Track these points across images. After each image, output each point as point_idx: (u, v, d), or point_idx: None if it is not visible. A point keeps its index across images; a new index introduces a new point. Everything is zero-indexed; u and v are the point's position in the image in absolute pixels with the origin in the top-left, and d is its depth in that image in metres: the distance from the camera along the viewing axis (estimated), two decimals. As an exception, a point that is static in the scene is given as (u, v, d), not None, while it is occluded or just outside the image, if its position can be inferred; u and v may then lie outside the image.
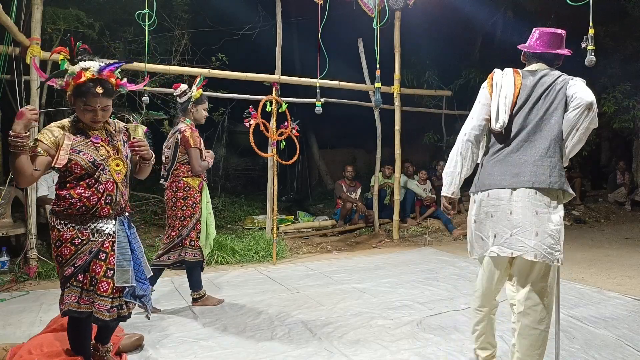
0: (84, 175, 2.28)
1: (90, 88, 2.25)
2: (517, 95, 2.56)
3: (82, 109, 2.29)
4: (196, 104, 3.76)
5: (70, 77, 2.27)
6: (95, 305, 2.28)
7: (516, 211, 2.36)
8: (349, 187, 7.47)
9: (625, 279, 4.62)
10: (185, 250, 3.65)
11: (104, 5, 6.48)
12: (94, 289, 2.28)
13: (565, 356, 2.84)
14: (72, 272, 2.27)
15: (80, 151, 2.28)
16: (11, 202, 5.12)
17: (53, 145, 2.25)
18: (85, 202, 2.28)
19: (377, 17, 6.03)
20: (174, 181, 3.65)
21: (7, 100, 5.27)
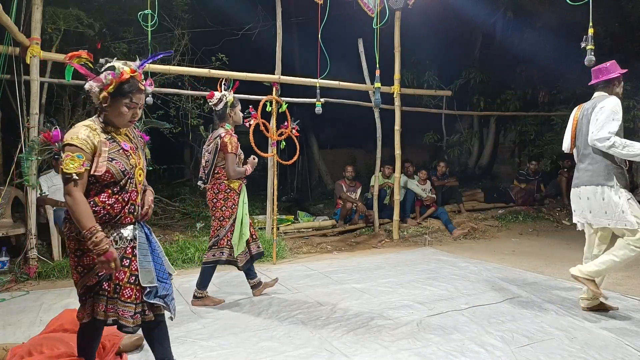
0: (110, 183, 2.19)
1: (136, 84, 2.23)
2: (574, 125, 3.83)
3: (123, 108, 2.21)
4: (232, 107, 3.92)
5: (114, 75, 2.19)
6: (120, 312, 2.22)
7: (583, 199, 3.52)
8: (349, 187, 7.47)
9: (625, 279, 4.62)
10: (222, 250, 3.80)
11: (104, 5, 6.48)
12: (118, 296, 2.23)
13: (565, 356, 2.84)
14: (96, 281, 2.20)
15: (113, 159, 2.19)
16: (11, 202, 5.12)
17: (92, 153, 2.15)
18: (109, 210, 2.20)
19: (377, 17, 6.03)
20: (215, 183, 3.82)
21: (7, 100, 5.27)
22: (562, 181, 8.91)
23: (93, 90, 2.21)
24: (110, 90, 2.19)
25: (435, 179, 8.14)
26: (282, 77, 6.02)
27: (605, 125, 3.38)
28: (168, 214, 7.37)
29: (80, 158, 2.09)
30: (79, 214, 2.07)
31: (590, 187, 3.45)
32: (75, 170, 2.07)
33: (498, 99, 10.06)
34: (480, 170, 11.20)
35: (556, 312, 3.59)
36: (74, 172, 2.07)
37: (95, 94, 2.22)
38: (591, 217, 3.48)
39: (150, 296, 2.28)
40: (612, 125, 3.37)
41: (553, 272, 4.89)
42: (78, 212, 2.07)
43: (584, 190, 3.50)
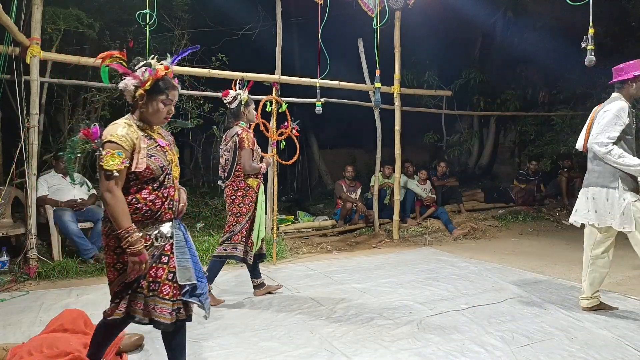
0: (149, 179, 2.20)
1: (170, 81, 2.26)
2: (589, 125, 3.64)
3: (160, 105, 2.24)
4: (246, 105, 3.98)
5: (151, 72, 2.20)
6: (157, 310, 2.21)
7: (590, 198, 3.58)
8: (349, 187, 7.47)
9: (625, 279, 4.62)
10: (236, 246, 3.85)
11: (104, 5, 6.48)
12: (155, 293, 2.22)
13: (565, 356, 2.84)
14: (134, 279, 2.20)
15: (152, 155, 2.21)
16: (11, 202, 5.12)
17: (131, 150, 2.16)
18: (151, 206, 2.21)
19: (377, 17, 6.02)
20: (235, 181, 3.88)
21: (7, 100, 5.27)
22: (562, 181, 8.91)
23: (128, 89, 2.22)
24: (147, 88, 2.20)
25: (435, 179, 8.14)
26: (282, 77, 6.02)
27: (605, 130, 3.39)
28: (168, 214, 7.35)
29: (120, 155, 2.10)
30: (117, 212, 2.09)
31: (597, 189, 3.49)
32: (116, 167, 2.08)
33: (498, 99, 10.06)
34: (480, 170, 11.20)
35: (556, 312, 3.59)
36: (114, 169, 2.07)
37: (130, 92, 2.23)
38: (595, 217, 3.49)
39: (186, 295, 2.29)
40: (612, 130, 3.37)
41: (553, 272, 4.89)
42: (116, 210, 2.09)
43: (591, 190, 3.54)
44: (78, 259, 4.98)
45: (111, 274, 2.25)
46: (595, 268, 3.58)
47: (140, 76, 2.20)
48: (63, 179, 5.37)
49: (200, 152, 9.43)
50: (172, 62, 2.31)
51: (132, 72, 2.22)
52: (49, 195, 5.14)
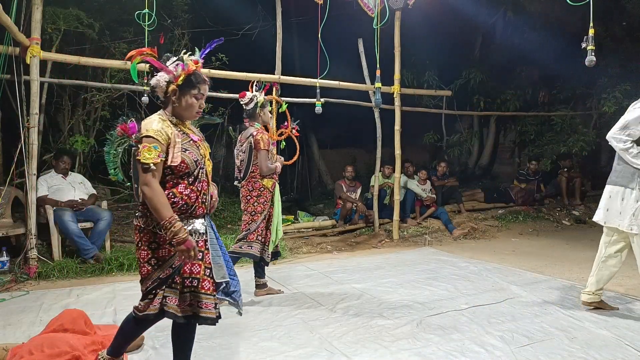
0: (184, 174, 2.22)
1: (201, 75, 2.29)
2: None
3: (192, 100, 2.26)
4: (262, 107, 4.04)
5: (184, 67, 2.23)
6: (203, 305, 2.23)
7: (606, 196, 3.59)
8: (349, 187, 7.47)
9: (625, 279, 4.62)
10: (251, 244, 3.91)
11: (104, 5, 6.48)
12: (197, 290, 2.23)
13: (565, 356, 2.84)
14: (169, 274, 2.21)
15: (186, 149, 2.23)
16: (11, 202, 5.12)
17: (166, 144, 2.17)
18: (187, 201, 2.23)
19: (377, 17, 6.03)
20: (250, 181, 3.95)
21: (7, 100, 5.27)
22: (562, 181, 8.91)
23: (160, 85, 2.24)
24: (180, 83, 2.23)
25: (435, 179, 8.14)
26: (282, 77, 6.02)
27: (627, 127, 3.33)
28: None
29: (156, 149, 2.12)
30: (158, 203, 2.10)
31: (616, 187, 3.48)
32: (153, 160, 2.10)
33: (498, 99, 10.06)
34: (480, 170, 11.20)
35: (556, 312, 3.59)
36: (151, 162, 2.09)
37: (162, 88, 2.25)
38: (603, 216, 3.51)
39: (219, 293, 2.32)
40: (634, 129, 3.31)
41: (553, 272, 4.89)
42: (157, 202, 2.10)
43: (609, 188, 3.53)
44: (78, 259, 4.98)
45: (145, 270, 2.24)
46: (606, 266, 3.58)
47: (173, 71, 2.23)
48: (63, 179, 5.37)
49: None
50: (201, 57, 2.33)
51: (167, 68, 2.24)
52: (49, 195, 5.14)
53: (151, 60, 2.25)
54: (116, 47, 6.72)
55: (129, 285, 4.42)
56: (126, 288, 4.34)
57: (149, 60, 2.25)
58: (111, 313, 3.65)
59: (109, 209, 5.83)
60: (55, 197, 5.18)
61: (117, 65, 5.52)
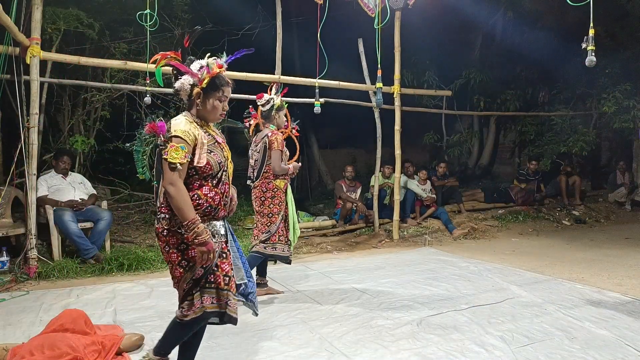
0: (208, 175, 2.23)
1: (225, 78, 2.31)
2: None
3: (216, 102, 2.28)
4: (278, 110, 4.11)
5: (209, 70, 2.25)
6: (231, 305, 2.26)
7: None
8: (349, 187, 7.47)
9: (625, 279, 4.62)
10: (275, 246, 3.98)
11: (104, 5, 6.48)
12: (229, 288, 2.26)
13: (565, 356, 2.84)
14: (202, 274, 2.21)
15: (211, 151, 2.24)
16: (11, 202, 5.12)
17: (193, 145, 2.18)
18: (211, 203, 2.24)
19: (378, 17, 6.02)
20: (264, 182, 4.00)
21: (7, 100, 5.27)
22: (562, 181, 8.91)
23: (184, 88, 2.27)
24: (204, 86, 2.25)
25: (435, 179, 8.14)
26: (282, 77, 6.02)
27: None
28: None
29: (183, 149, 2.13)
30: (183, 203, 2.11)
31: None
32: (179, 160, 2.11)
33: (498, 99, 10.07)
34: (480, 170, 11.20)
35: (556, 312, 3.59)
36: (178, 162, 2.10)
37: (186, 91, 2.27)
38: None
39: (237, 294, 2.33)
40: None
41: (553, 272, 4.89)
42: (182, 202, 2.11)
43: None
44: (78, 259, 4.98)
45: (177, 272, 2.23)
46: None
47: (198, 75, 2.25)
48: (63, 179, 5.37)
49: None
50: (226, 62, 2.35)
51: (192, 71, 2.26)
52: (49, 196, 5.13)
53: (176, 64, 2.28)
54: (116, 47, 6.72)
55: (129, 285, 4.42)
56: (126, 288, 4.34)
57: (174, 64, 2.27)
58: (111, 313, 3.65)
59: (109, 209, 5.83)
60: (55, 197, 5.18)
61: (117, 65, 5.52)
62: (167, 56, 2.32)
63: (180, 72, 2.28)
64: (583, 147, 8.88)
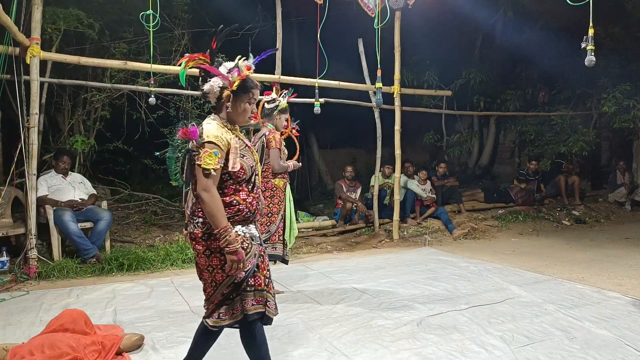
0: (242, 180, 2.21)
1: (253, 81, 2.29)
2: None
3: (245, 105, 2.27)
4: (280, 112, 4.13)
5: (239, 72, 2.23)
6: (270, 305, 2.26)
7: None
8: (349, 187, 7.47)
9: (625, 279, 4.62)
10: (275, 245, 4.02)
11: (104, 5, 6.48)
12: (267, 289, 2.26)
13: (565, 356, 2.84)
14: (243, 277, 2.19)
15: (243, 155, 2.22)
16: (11, 202, 5.12)
17: (226, 150, 2.15)
18: (250, 208, 2.23)
19: (378, 17, 6.02)
20: (262, 181, 3.97)
21: (7, 100, 5.27)
22: (561, 181, 8.91)
23: (214, 91, 2.22)
24: (234, 88, 2.22)
25: (435, 179, 8.14)
26: (282, 77, 6.02)
27: None
28: (168, 214, 7.36)
29: (217, 155, 2.10)
30: (216, 210, 2.08)
31: None
32: (214, 166, 2.08)
33: (498, 99, 10.07)
34: (480, 170, 11.20)
35: (556, 312, 3.59)
36: (212, 168, 2.08)
37: (216, 94, 2.23)
38: None
39: None
40: None
41: (553, 272, 4.89)
42: (215, 209, 2.08)
43: None
44: (78, 259, 4.99)
45: (219, 276, 2.19)
46: None
47: (229, 77, 2.22)
48: (63, 179, 5.37)
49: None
50: (254, 63, 2.33)
51: (223, 74, 2.23)
52: (48, 196, 5.13)
53: (206, 67, 2.24)
54: (116, 47, 6.72)
55: (129, 285, 4.43)
56: (126, 288, 4.34)
57: (205, 67, 2.24)
58: (111, 313, 3.65)
59: (109, 209, 5.83)
60: (55, 197, 5.18)
61: (117, 65, 5.52)
62: (195, 58, 2.27)
63: (208, 74, 2.24)
64: (583, 147, 8.88)
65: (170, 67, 6.00)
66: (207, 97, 2.27)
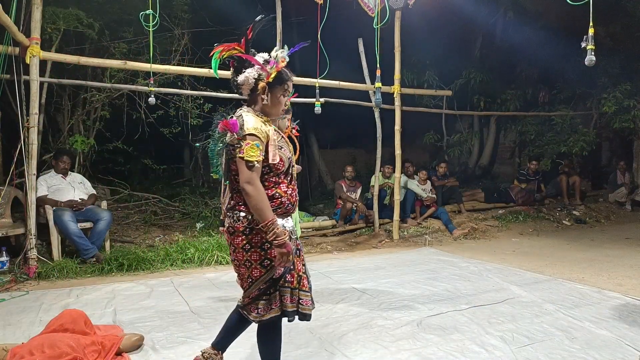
0: (281, 172, 2.18)
1: (288, 72, 2.27)
2: None
3: (280, 97, 2.24)
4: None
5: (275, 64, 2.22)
6: (304, 302, 2.24)
7: None
8: (349, 187, 7.47)
9: (625, 279, 4.62)
10: None
11: (104, 5, 6.48)
12: (300, 286, 2.24)
13: (565, 356, 2.84)
14: (281, 273, 2.17)
15: (281, 147, 2.20)
16: (11, 202, 5.12)
17: (266, 142, 2.11)
18: (290, 199, 2.20)
19: (378, 17, 6.02)
20: None
21: (7, 100, 5.27)
22: (562, 181, 8.91)
23: (249, 82, 2.18)
24: (270, 80, 2.19)
25: (436, 179, 8.14)
26: (282, 77, 6.00)
27: None
28: (168, 214, 7.37)
29: (258, 147, 2.07)
30: (262, 202, 2.04)
31: None
32: (257, 158, 2.06)
33: (498, 99, 10.07)
34: (480, 170, 11.21)
35: (556, 312, 3.59)
36: (255, 161, 2.05)
37: (250, 85, 2.19)
38: None
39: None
40: None
41: (553, 272, 4.89)
42: (262, 201, 2.04)
43: None
44: (78, 259, 4.98)
45: (257, 272, 2.15)
46: None
47: (267, 68, 2.19)
48: (63, 179, 5.37)
49: (200, 151, 9.44)
50: (288, 54, 2.32)
51: (262, 64, 2.19)
52: (48, 195, 5.13)
53: (247, 57, 2.20)
54: (116, 47, 6.72)
55: (129, 285, 4.42)
56: (126, 288, 4.34)
57: (244, 56, 2.20)
58: (111, 313, 3.64)
59: (109, 209, 5.83)
60: (55, 197, 5.18)
61: (117, 65, 5.52)
62: (231, 47, 2.22)
63: (243, 64, 2.20)
64: (583, 147, 8.88)
65: (170, 67, 6.00)
66: (240, 88, 2.23)
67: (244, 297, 2.26)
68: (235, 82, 2.24)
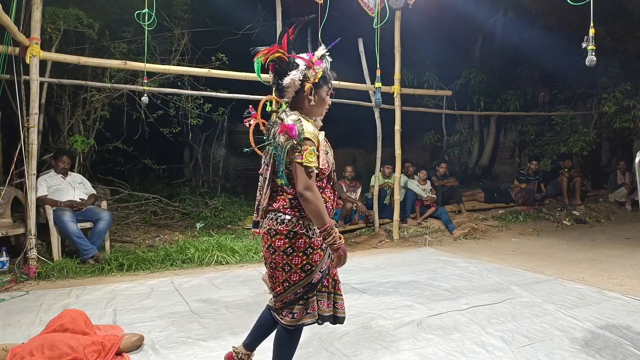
0: (324, 177, 2.16)
1: (328, 72, 2.25)
2: None
3: (326, 97, 2.23)
4: None
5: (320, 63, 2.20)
6: (339, 306, 2.26)
7: None
8: (349, 187, 7.47)
9: (626, 279, 4.62)
10: None
11: (104, 5, 6.48)
12: (335, 290, 2.25)
13: (565, 356, 2.84)
14: (319, 278, 2.16)
15: (327, 152, 2.19)
16: (11, 202, 5.12)
17: (317, 146, 2.09)
18: (332, 205, 2.21)
19: (378, 17, 6.02)
20: None
21: (7, 101, 5.26)
22: (562, 181, 8.91)
23: (295, 84, 2.14)
24: (316, 80, 2.16)
25: (436, 179, 8.14)
26: (282, 77, 6.01)
27: None
28: (168, 214, 7.37)
29: (314, 152, 2.06)
30: (321, 208, 2.03)
31: None
32: (315, 163, 2.05)
33: (498, 99, 10.07)
34: (480, 170, 11.20)
35: (556, 312, 3.59)
36: (314, 166, 2.04)
37: (296, 87, 2.15)
38: None
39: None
40: None
41: (553, 272, 4.89)
42: (320, 207, 2.03)
43: None
44: (78, 259, 4.99)
45: (296, 276, 2.12)
46: None
47: (315, 68, 2.17)
48: (62, 179, 5.37)
49: (200, 152, 9.44)
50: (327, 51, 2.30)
51: (313, 65, 2.17)
52: (48, 195, 5.13)
53: (298, 57, 2.17)
54: (116, 47, 6.72)
55: (129, 285, 4.42)
56: (126, 288, 4.34)
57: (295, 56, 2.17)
58: (111, 313, 3.64)
59: (109, 209, 5.83)
60: (55, 197, 5.18)
61: (117, 65, 5.52)
62: (275, 51, 2.18)
63: (286, 67, 2.16)
64: (583, 147, 8.88)
65: (168, 67, 6.00)
66: (285, 91, 2.17)
67: (276, 301, 2.23)
68: (280, 85, 2.18)
